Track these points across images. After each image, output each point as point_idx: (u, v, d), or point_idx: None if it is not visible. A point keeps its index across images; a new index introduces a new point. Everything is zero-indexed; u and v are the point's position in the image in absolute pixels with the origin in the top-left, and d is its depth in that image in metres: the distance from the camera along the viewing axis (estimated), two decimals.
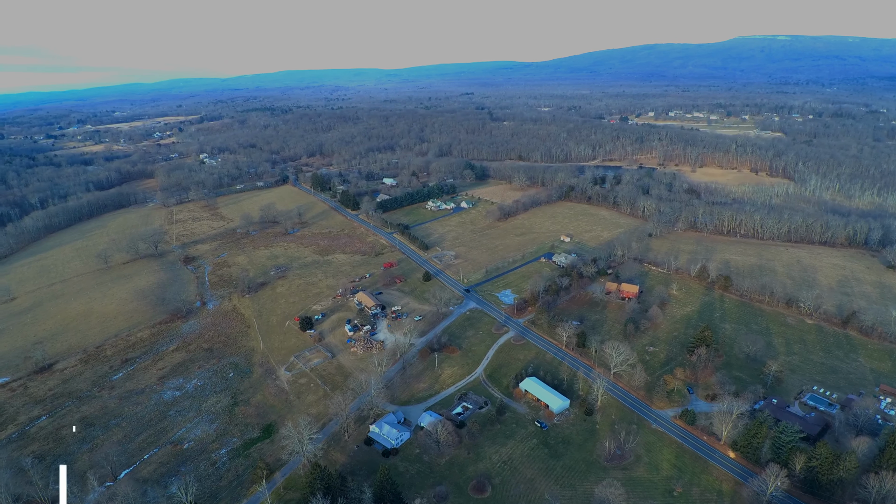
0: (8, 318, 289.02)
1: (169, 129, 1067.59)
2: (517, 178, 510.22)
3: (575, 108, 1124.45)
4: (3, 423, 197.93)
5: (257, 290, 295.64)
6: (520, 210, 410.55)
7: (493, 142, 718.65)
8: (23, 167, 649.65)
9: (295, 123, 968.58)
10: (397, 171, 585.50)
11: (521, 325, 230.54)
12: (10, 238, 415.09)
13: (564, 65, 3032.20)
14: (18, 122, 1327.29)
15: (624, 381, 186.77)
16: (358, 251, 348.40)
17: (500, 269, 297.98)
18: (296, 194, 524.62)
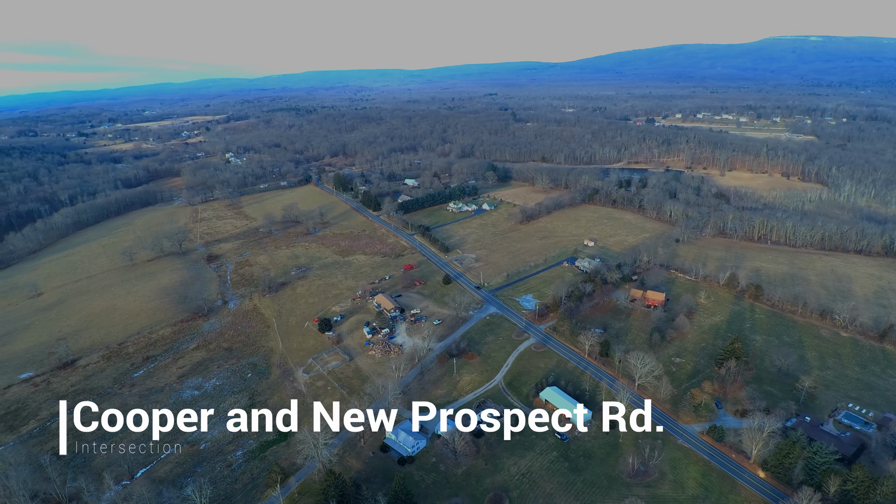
0: (34, 313, 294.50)
1: (196, 129, 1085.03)
2: (540, 180, 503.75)
3: (600, 110, 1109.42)
4: (25, 419, 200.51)
5: (278, 290, 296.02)
6: (542, 213, 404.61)
7: (516, 143, 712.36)
8: (54, 164, 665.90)
9: (319, 123, 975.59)
10: (419, 172, 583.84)
11: (543, 332, 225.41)
12: (39, 234, 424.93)
13: (589, 65, 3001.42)
14: (52, 119, 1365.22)
15: (649, 394, 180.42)
16: (378, 252, 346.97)
17: (521, 273, 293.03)
18: (318, 194, 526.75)
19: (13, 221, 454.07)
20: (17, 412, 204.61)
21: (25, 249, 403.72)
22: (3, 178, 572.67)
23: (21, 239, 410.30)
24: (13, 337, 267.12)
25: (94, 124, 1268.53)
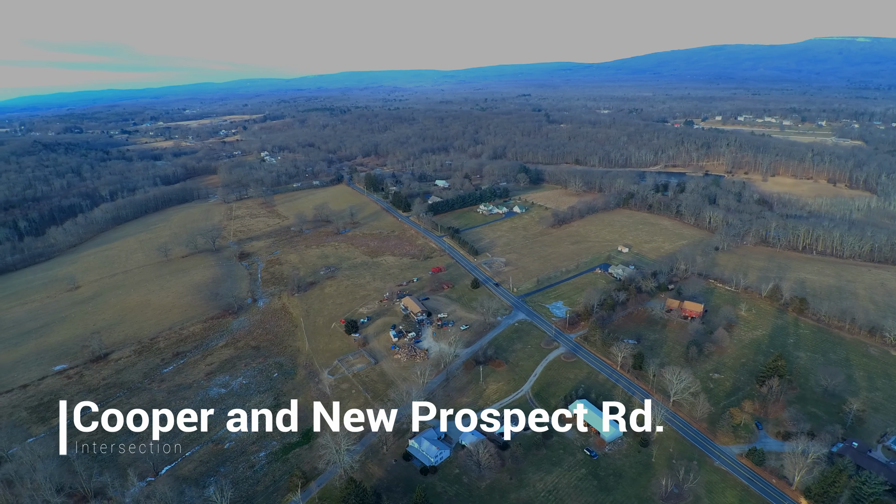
0: (71, 306, 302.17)
1: (234, 128, 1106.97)
2: (573, 183, 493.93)
3: (636, 111, 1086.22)
4: (57, 411, 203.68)
5: (306, 290, 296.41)
6: (575, 217, 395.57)
7: (549, 145, 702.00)
8: (97, 160, 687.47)
9: (352, 123, 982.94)
10: (450, 173, 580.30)
11: (573, 341, 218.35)
12: (79, 228, 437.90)
13: (626, 66, 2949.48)
14: (97, 117, 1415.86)
15: (685, 411, 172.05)
16: (407, 254, 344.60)
17: (551, 278, 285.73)
18: (349, 194, 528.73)
19: (55, 215, 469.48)
20: (49, 404, 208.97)
21: (66, 243, 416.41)
22: (48, 173, 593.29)
23: (62, 233, 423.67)
24: (50, 329, 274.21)
25: (136, 122, 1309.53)
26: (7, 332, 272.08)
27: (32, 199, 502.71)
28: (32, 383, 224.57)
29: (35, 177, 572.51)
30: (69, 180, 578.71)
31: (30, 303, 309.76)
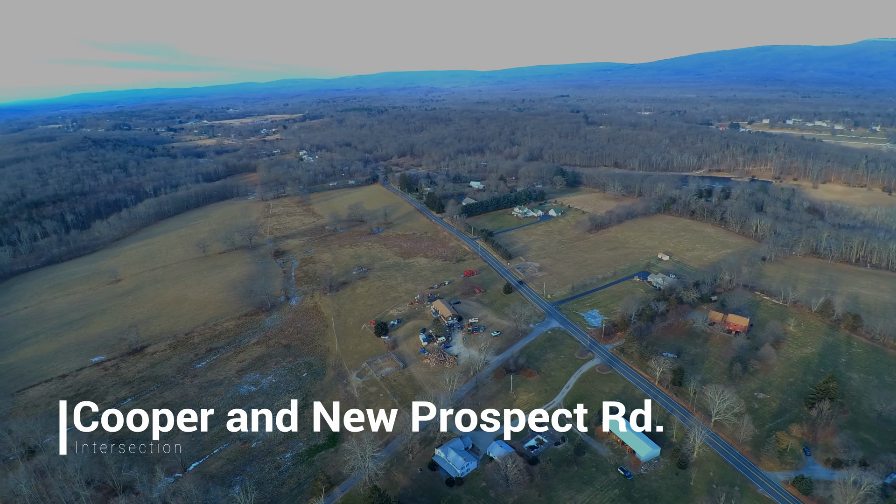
0: (111, 298, 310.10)
1: (274, 127, 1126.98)
2: (612, 187, 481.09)
3: (679, 113, 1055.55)
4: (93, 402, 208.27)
5: (338, 290, 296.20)
6: (613, 222, 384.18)
7: (588, 147, 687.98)
8: (143, 157, 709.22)
9: (389, 123, 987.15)
10: (485, 175, 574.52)
11: (609, 353, 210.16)
12: (123, 222, 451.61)
13: (668, 66, 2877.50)
14: (145, 115, 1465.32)
15: (727, 433, 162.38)
16: (439, 256, 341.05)
17: (587, 286, 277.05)
18: (383, 194, 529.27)
19: (101, 210, 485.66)
20: (86, 395, 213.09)
21: (110, 237, 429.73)
22: (96, 168, 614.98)
23: (106, 227, 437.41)
24: (90, 320, 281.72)
25: (182, 120, 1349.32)
26: (50, 323, 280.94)
27: (80, 194, 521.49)
28: (71, 373, 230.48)
29: (83, 172, 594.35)
30: (116, 176, 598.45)
31: (73, 294, 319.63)
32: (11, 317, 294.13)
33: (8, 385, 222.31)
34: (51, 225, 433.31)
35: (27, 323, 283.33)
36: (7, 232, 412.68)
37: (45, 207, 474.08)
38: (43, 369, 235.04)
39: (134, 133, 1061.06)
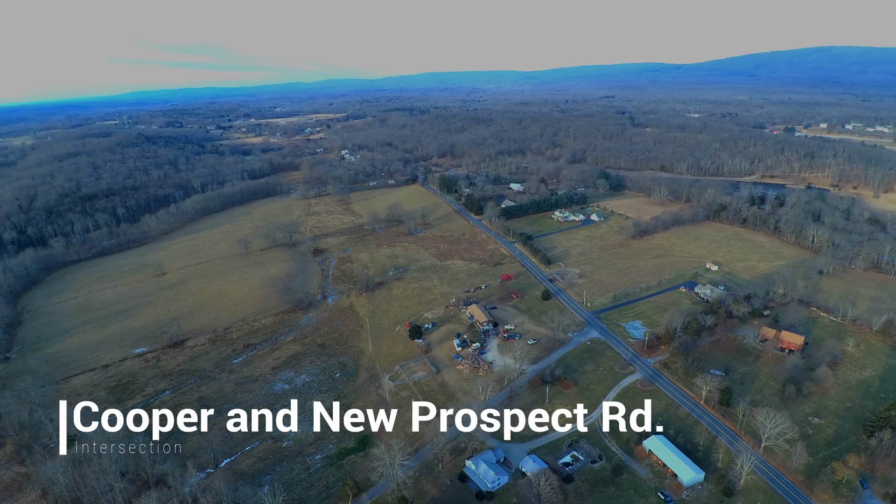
0: (156, 291, 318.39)
1: (318, 126, 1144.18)
2: (657, 192, 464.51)
3: (730, 116, 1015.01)
4: (132, 393, 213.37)
5: (374, 290, 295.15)
6: (658, 228, 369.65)
7: (633, 149, 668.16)
8: (192, 154, 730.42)
9: (430, 124, 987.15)
10: (526, 177, 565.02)
11: (651, 367, 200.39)
12: (171, 217, 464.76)
13: (719, 67, 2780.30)
14: (196, 113, 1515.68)
15: (777, 460, 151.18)
16: (476, 259, 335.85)
17: (630, 295, 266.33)
18: (422, 194, 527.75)
19: (151, 204, 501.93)
20: (127, 386, 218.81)
21: (158, 231, 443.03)
22: (148, 164, 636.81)
23: (155, 221, 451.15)
24: (135, 312, 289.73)
25: (231, 119, 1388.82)
26: (97, 313, 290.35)
27: (132, 188, 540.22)
28: (114, 364, 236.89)
29: (136, 167, 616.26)
30: (166, 172, 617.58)
31: (120, 286, 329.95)
32: (61, 306, 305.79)
33: (54, 373, 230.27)
34: (103, 218, 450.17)
35: (76, 312, 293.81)
36: (61, 224, 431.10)
37: (99, 201, 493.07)
38: (87, 358, 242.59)
39: (185, 130, 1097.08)
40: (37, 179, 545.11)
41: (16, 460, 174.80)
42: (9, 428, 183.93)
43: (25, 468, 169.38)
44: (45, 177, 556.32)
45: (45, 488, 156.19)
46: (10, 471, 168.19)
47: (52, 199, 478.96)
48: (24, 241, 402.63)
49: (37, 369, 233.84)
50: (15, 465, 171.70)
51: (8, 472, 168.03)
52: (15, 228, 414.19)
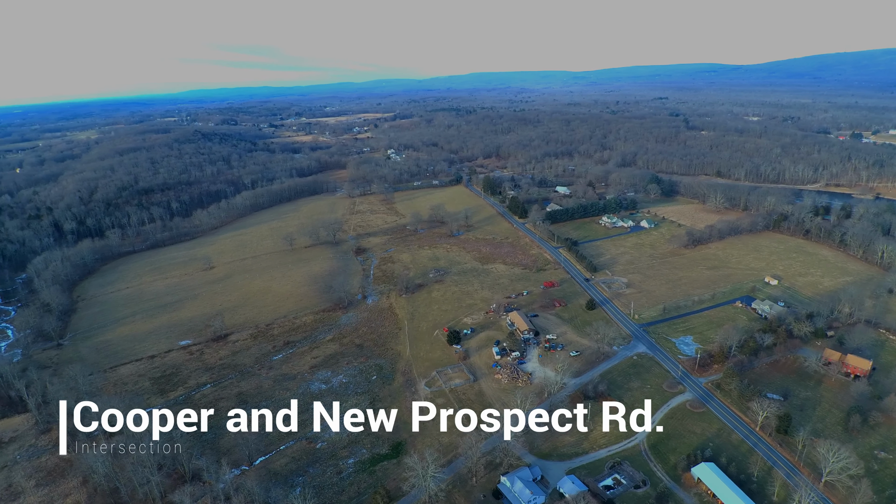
0: (204, 284, 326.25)
1: (366, 125, 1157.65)
2: (713, 199, 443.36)
3: (792, 120, 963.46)
4: (175, 385, 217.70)
5: (414, 292, 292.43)
6: (713, 237, 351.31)
7: (687, 153, 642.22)
8: (245, 151, 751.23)
9: (476, 124, 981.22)
10: (573, 180, 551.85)
11: (702, 387, 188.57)
12: (222, 212, 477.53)
13: (780, 69, 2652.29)
14: (250, 111, 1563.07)
15: (839, 497, 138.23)
16: (519, 263, 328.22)
17: (680, 308, 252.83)
18: (466, 196, 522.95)
19: (203, 199, 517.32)
20: (171, 377, 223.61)
21: (209, 225, 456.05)
22: (203, 160, 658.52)
23: (206, 216, 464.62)
24: (183, 304, 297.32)
25: (283, 117, 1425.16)
26: (147, 304, 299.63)
27: (186, 183, 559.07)
28: (160, 354, 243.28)
29: (191, 163, 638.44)
30: (219, 168, 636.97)
31: (170, 278, 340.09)
32: (114, 295, 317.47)
33: (102, 361, 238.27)
34: (157, 211, 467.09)
35: (127, 302, 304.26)
36: (118, 216, 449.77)
37: (154, 195, 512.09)
38: (135, 348, 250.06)
39: (239, 128, 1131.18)
40: (98, 172, 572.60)
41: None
42: (55, 414, 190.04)
43: (69, 455, 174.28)
44: (105, 170, 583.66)
45: (85, 476, 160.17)
46: (54, 456, 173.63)
47: (111, 192, 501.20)
48: (83, 231, 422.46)
49: (87, 357, 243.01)
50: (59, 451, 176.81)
51: (52, 458, 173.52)
52: (75, 219, 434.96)
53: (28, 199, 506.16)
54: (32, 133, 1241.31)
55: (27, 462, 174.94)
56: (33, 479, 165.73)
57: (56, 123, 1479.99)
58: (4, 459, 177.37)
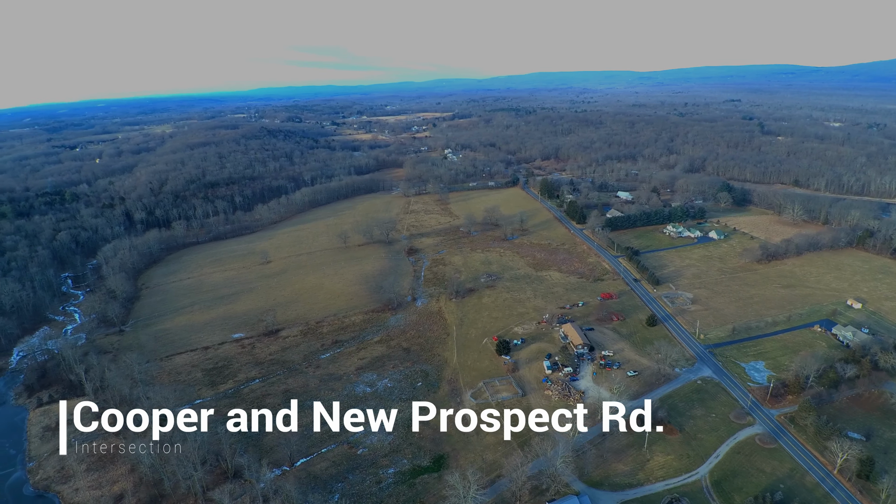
0: (260, 278, 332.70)
1: (425, 124, 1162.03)
2: (790, 210, 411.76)
3: (878, 127, 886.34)
4: (225, 378, 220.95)
5: (464, 296, 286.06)
6: (790, 252, 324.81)
7: (761, 160, 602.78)
8: (307, 148, 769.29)
9: (535, 125, 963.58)
10: (635, 185, 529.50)
11: (774, 420, 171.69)
12: (281, 208, 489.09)
13: (863, 71, 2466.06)
14: (314, 109, 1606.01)
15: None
16: (575, 272, 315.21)
17: (752, 329, 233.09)
18: (522, 198, 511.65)
19: (264, 194, 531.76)
20: (221, 369, 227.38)
21: (268, 220, 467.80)
22: (266, 156, 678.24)
23: (267, 210, 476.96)
24: (239, 297, 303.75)
25: (345, 115, 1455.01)
26: (206, 295, 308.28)
27: (250, 178, 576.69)
28: (213, 346, 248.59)
29: (255, 158, 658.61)
30: (281, 164, 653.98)
31: (229, 270, 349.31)
32: (176, 285, 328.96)
33: (160, 349, 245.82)
34: (221, 205, 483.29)
35: (187, 293, 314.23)
36: (185, 208, 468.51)
37: (220, 188, 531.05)
38: (191, 339, 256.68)
39: (303, 125, 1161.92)
40: (169, 165, 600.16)
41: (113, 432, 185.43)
42: (111, 400, 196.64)
43: (122, 440, 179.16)
44: (176, 163, 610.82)
45: (133, 464, 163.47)
46: (106, 441, 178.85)
47: (179, 185, 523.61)
48: (151, 221, 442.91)
49: (145, 344, 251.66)
50: (111, 436, 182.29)
51: (104, 443, 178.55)
52: (145, 209, 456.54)
53: (104, 189, 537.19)
54: (113, 126, 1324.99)
55: (80, 446, 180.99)
56: (84, 464, 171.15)
57: (135, 117, 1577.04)
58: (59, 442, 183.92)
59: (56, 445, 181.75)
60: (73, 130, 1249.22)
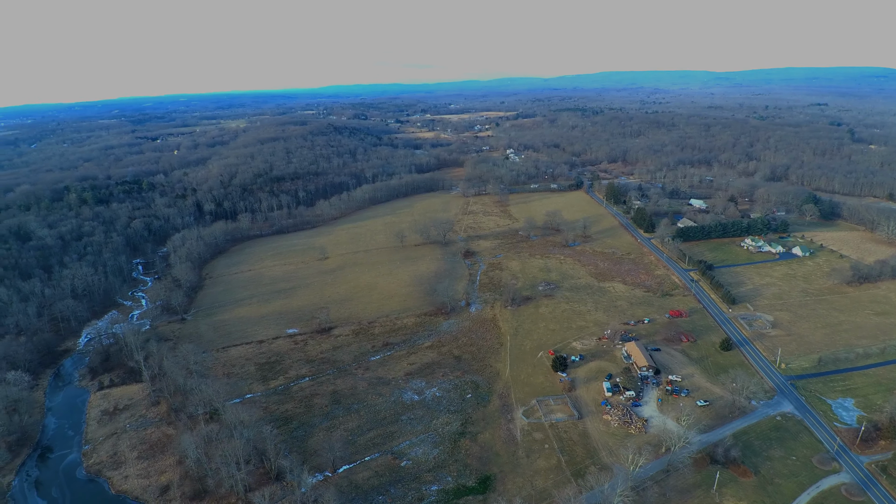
0: (317, 274, 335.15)
1: (487, 124, 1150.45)
2: (884, 227, 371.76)
3: None
4: (276, 374, 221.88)
5: (520, 305, 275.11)
6: (885, 275, 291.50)
7: (852, 170, 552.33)
8: (370, 145, 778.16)
9: (602, 126, 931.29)
10: (710, 193, 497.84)
11: (864, 469, 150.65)
12: (342, 204, 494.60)
13: None
14: (380, 106, 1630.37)
15: None
16: (641, 285, 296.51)
17: (840, 361, 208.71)
18: (585, 203, 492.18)
19: (327, 190, 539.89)
20: (273, 365, 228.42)
21: (329, 216, 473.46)
22: (331, 152, 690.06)
23: (328, 206, 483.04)
24: (295, 292, 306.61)
25: (409, 113, 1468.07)
26: (264, 288, 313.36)
27: (314, 174, 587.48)
28: (267, 340, 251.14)
29: (321, 154, 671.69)
30: (345, 160, 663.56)
31: (288, 265, 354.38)
32: (237, 276, 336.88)
33: (217, 340, 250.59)
34: (285, 199, 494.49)
35: (247, 285, 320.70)
36: (251, 201, 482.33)
37: (285, 183, 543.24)
38: (247, 331, 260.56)
39: (367, 123, 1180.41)
40: (240, 159, 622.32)
41: (166, 420, 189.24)
42: (165, 389, 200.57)
43: (173, 431, 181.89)
44: (246, 157, 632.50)
45: (181, 456, 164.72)
46: (159, 430, 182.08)
47: (247, 178, 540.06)
48: (219, 213, 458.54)
49: (204, 334, 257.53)
50: (164, 425, 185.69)
51: (157, 432, 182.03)
52: (214, 201, 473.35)
53: (178, 180, 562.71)
54: (192, 120, 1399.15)
55: (134, 432, 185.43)
56: (136, 451, 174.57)
57: (213, 112, 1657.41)
58: (115, 426, 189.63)
59: (112, 430, 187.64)
60: (155, 123, 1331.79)
